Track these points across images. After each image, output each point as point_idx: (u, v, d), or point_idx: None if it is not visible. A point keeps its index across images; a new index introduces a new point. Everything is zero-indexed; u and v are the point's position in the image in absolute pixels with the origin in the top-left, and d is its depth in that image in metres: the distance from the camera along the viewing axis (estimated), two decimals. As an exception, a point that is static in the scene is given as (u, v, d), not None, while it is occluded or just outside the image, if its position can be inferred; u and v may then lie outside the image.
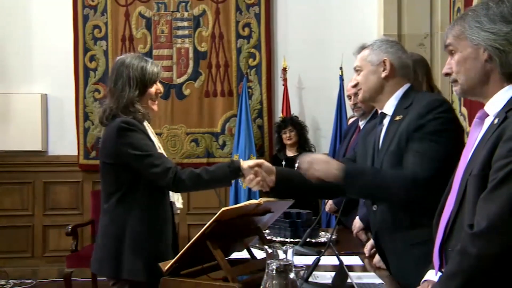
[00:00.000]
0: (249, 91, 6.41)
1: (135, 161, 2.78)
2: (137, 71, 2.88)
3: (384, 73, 2.52)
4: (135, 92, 2.87)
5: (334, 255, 2.42)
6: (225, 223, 2.23)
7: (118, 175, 2.85)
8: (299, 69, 6.40)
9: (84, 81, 6.48)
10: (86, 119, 6.49)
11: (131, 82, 2.86)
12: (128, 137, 2.79)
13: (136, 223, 2.81)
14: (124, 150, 2.78)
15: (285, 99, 6.31)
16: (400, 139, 2.37)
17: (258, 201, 2.42)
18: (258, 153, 6.35)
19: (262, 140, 6.51)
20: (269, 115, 6.51)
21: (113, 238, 2.83)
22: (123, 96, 2.86)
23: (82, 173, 6.51)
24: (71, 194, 6.53)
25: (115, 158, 2.83)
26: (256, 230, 2.58)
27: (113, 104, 2.88)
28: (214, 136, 6.51)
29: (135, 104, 2.87)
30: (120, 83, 2.87)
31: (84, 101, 6.47)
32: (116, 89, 2.88)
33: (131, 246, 2.79)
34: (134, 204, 2.83)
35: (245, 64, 6.48)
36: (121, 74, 2.88)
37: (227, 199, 6.27)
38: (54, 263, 6.39)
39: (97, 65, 6.47)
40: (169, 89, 6.45)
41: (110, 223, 2.87)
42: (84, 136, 6.48)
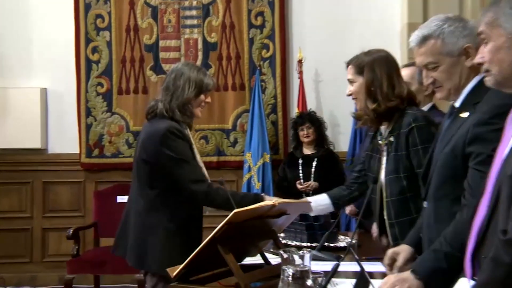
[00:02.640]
0: (262, 85, 6.40)
1: (172, 164, 3.14)
2: (197, 76, 3.33)
3: (470, 61, 2.31)
4: (192, 93, 3.30)
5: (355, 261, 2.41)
6: (237, 226, 2.23)
7: (153, 175, 3.20)
8: (316, 60, 6.38)
9: (86, 74, 6.49)
10: (88, 114, 6.50)
11: (191, 83, 3.30)
12: (172, 141, 3.16)
13: (168, 222, 3.19)
14: (164, 152, 3.14)
15: (301, 93, 6.30)
16: (457, 144, 2.24)
17: (272, 202, 2.41)
18: (272, 151, 6.35)
19: (276, 137, 6.50)
20: (284, 111, 6.50)
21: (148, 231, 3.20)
22: (181, 95, 3.28)
23: (84, 173, 6.53)
24: (72, 195, 6.55)
25: (153, 157, 3.18)
26: (271, 233, 2.58)
27: (171, 101, 3.28)
28: (225, 133, 6.51)
29: (189, 104, 3.30)
30: (180, 82, 3.30)
31: (86, 96, 6.49)
32: (174, 87, 3.30)
33: (159, 244, 3.17)
34: (166, 202, 3.19)
35: (258, 56, 6.47)
36: (181, 75, 3.32)
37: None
38: (54, 268, 6.41)
39: (99, 57, 6.49)
40: (176, 82, 6.46)
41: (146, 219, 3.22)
42: (86, 133, 6.50)
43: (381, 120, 3.00)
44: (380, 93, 2.92)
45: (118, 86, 6.49)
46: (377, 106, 2.92)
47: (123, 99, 6.50)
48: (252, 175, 6.17)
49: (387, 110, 2.92)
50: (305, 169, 5.66)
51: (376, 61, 2.97)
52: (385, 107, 2.91)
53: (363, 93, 2.97)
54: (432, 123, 2.87)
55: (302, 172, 5.66)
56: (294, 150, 5.91)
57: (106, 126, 6.50)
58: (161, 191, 3.19)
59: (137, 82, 6.49)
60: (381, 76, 2.94)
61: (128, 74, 6.48)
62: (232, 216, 2.18)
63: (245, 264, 2.53)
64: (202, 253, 2.22)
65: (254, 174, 6.15)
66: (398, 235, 2.85)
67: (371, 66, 2.96)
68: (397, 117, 2.93)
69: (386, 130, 3.00)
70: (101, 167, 6.50)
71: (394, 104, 2.91)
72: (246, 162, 6.21)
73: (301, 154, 5.80)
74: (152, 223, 3.20)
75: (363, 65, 2.98)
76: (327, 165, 5.66)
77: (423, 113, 2.95)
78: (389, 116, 2.95)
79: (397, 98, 2.91)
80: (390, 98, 2.91)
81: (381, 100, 2.92)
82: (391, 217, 2.92)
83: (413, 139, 2.83)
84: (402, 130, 2.86)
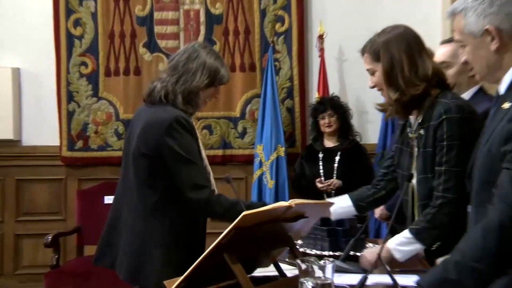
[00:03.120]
0: (276, 65, 6.41)
1: (174, 161, 3.16)
2: (212, 64, 3.35)
3: (494, 45, 2.33)
4: (204, 81, 3.32)
5: (386, 273, 2.42)
6: (247, 230, 2.24)
7: (153, 172, 3.21)
8: (340, 36, 6.39)
9: (68, 51, 6.53)
10: (70, 100, 6.54)
11: (205, 70, 3.32)
12: (178, 134, 3.17)
13: (167, 233, 3.21)
14: (168, 143, 3.15)
15: (321, 74, 6.30)
16: (493, 143, 2.25)
17: (288, 203, 2.43)
18: (288, 143, 6.36)
19: (292, 126, 6.52)
20: (302, 95, 6.51)
21: (144, 245, 3.22)
22: (191, 80, 3.30)
23: (66, 169, 6.57)
24: (51, 195, 6.59)
25: (154, 151, 3.18)
26: (286, 240, 2.59)
27: (176, 84, 3.30)
28: (232, 122, 6.54)
29: (196, 93, 3.32)
30: (193, 65, 3.32)
31: (68, 77, 6.52)
32: (184, 69, 3.31)
33: (159, 257, 3.19)
34: (169, 205, 3.22)
35: (271, 30, 6.48)
36: (196, 57, 3.33)
37: (249, 200, 6.27)
38: (29, 282, 6.45)
39: (83, 32, 6.52)
40: (174, 62, 6.47)
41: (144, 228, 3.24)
42: (68, 121, 6.54)
43: (408, 110, 3.00)
44: (402, 78, 2.90)
45: (106, 66, 6.52)
46: (400, 96, 2.91)
47: (112, 81, 6.53)
48: (264, 172, 6.19)
49: (413, 98, 2.91)
50: (327, 165, 5.67)
51: (391, 40, 2.95)
52: (410, 95, 2.90)
53: (383, 81, 2.97)
54: (470, 114, 2.85)
55: (323, 168, 5.67)
56: (314, 142, 5.92)
57: (92, 114, 6.53)
58: (163, 190, 3.20)
59: (127, 62, 6.51)
60: (400, 57, 2.91)
61: (117, 52, 6.52)
62: (241, 219, 2.19)
63: (256, 276, 2.55)
64: (206, 263, 2.23)
65: (266, 171, 6.17)
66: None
67: (386, 47, 2.94)
68: (427, 105, 2.92)
69: (415, 121, 2.99)
70: (85, 162, 6.54)
71: (421, 90, 2.89)
72: (257, 156, 6.24)
73: (321, 146, 5.80)
74: (152, 230, 3.21)
75: (379, 48, 2.97)
76: (352, 159, 5.67)
77: (459, 102, 2.90)
78: (417, 104, 2.95)
79: (423, 81, 2.89)
80: (414, 82, 2.89)
81: (403, 87, 2.90)
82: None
83: (441, 133, 2.83)
84: (432, 122, 2.86)
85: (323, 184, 5.53)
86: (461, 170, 2.67)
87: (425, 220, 2.88)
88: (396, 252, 2.89)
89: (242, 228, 2.21)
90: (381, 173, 3.38)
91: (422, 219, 2.91)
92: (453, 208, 2.79)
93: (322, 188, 5.52)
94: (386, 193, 3.37)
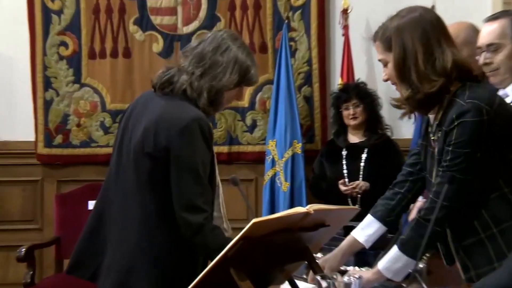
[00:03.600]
0: (291, 45, 6.43)
1: (178, 168, 3.10)
2: (244, 61, 3.33)
3: None
4: (234, 80, 3.29)
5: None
6: (257, 241, 2.26)
7: (155, 175, 3.17)
8: (368, 10, 6.39)
9: (44, 29, 6.55)
10: (47, 87, 6.57)
11: (235, 67, 3.29)
12: (196, 139, 3.11)
13: (166, 246, 3.18)
14: (178, 146, 3.10)
15: (345, 56, 6.32)
16: None
17: (306, 209, 2.44)
18: (305, 138, 6.38)
19: (311, 118, 6.54)
20: (322, 82, 6.53)
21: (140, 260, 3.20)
22: (221, 77, 3.27)
23: (42, 168, 6.61)
24: (25, 199, 6.63)
25: (162, 151, 3.13)
26: (303, 252, 2.61)
27: (201, 78, 3.25)
28: (239, 113, 6.56)
29: (224, 92, 3.29)
30: (223, 58, 3.29)
31: (44, 60, 6.55)
32: (213, 61, 3.28)
33: (153, 273, 3.17)
34: (168, 221, 3.17)
35: (286, 4, 6.49)
36: (226, 50, 3.30)
37: (260, 205, 6.32)
38: (0, 302, 6.49)
39: (62, 6, 6.54)
40: (171, 42, 6.52)
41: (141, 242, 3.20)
42: (45, 112, 6.56)
43: (426, 109, 2.99)
44: (415, 73, 2.85)
45: (90, 47, 6.55)
46: (413, 93, 2.87)
47: (97, 65, 6.57)
48: (277, 172, 6.21)
49: (428, 96, 2.86)
50: (351, 164, 5.70)
51: (405, 26, 2.90)
52: (424, 93, 2.85)
53: (395, 75, 2.94)
54: (495, 115, 2.79)
55: (347, 167, 5.69)
56: (336, 137, 5.93)
57: (73, 104, 6.56)
58: (166, 198, 3.15)
59: (115, 42, 6.54)
60: (414, 47, 2.87)
61: (103, 30, 6.54)
62: (251, 228, 2.21)
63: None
64: (209, 280, 2.25)
65: (280, 171, 6.19)
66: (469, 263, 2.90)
67: (398, 35, 2.90)
68: (445, 104, 2.89)
69: (434, 121, 2.99)
70: (66, 161, 6.59)
71: (437, 87, 2.84)
72: (269, 153, 6.27)
73: (345, 142, 5.81)
74: (149, 241, 3.18)
75: (390, 36, 2.93)
76: (381, 158, 5.68)
77: (478, 101, 2.81)
78: (434, 102, 2.92)
79: (441, 76, 2.84)
80: (430, 77, 2.84)
81: (417, 83, 2.85)
82: (454, 239, 2.95)
83: (449, 140, 2.81)
84: (444, 128, 2.84)
85: (347, 187, 5.54)
86: (465, 179, 2.75)
87: (410, 227, 2.91)
88: (387, 273, 2.92)
89: (251, 238, 2.23)
90: (405, 171, 3.36)
91: (408, 226, 2.95)
92: (441, 216, 2.76)
93: (345, 192, 5.54)
94: (413, 196, 3.35)
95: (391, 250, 2.92)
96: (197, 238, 3.08)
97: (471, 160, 2.74)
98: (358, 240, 3.19)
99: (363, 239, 3.19)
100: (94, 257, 3.31)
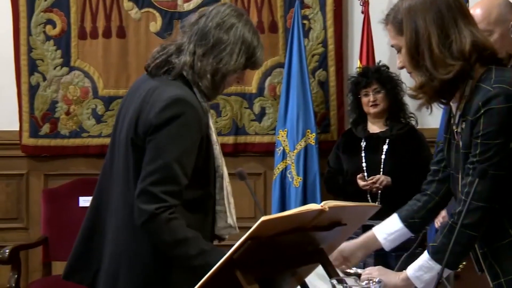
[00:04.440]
0: (304, 24, 6.43)
1: (149, 150, 3.07)
2: (251, 42, 3.28)
3: None
4: (241, 63, 3.25)
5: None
6: (266, 242, 2.27)
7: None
8: (390, -15, 6.40)
9: (28, 6, 6.55)
10: (33, 70, 6.58)
11: (242, 48, 3.25)
12: (172, 120, 3.05)
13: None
14: (153, 128, 3.07)
15: (365, 37, 6.32)
16: None
17: (321, 206, 2.45)
18: (320, 128, 6.39)
19: (326, 106, 6.55)
20: (339, 65, 6.54)
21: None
22: (227, 59, 3.22)
23: (28, 161, 6.64)
24: (8, 196, 6.65)
25: (143, 133, 3.11)
26: (318, 254, 2.61)
27: (203, 59, 3.21)
28: (246, 100, 6.57)
29: (228, 76, 3.25)
30: (228, 38, 3.23)
31: (29, 41, 6.57)
32: (217, 42, 3.22)
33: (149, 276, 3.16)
34: None
35: (298, -22, 6.50)
36: (230, 27, 3.25)
37: (269, 202, 6.34)
38: (-19, 309, 6.52)
39: (49, -20, 6.56)
40: (170, 20, 6.54)
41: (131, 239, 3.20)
42: (31, 99, 6.58)
43: (445, 98, 2.96)
44: (430, 58, 2.83)
45: (80, 26, 6.56)
46: (428, 80, 2.85)
47: (88, 46, 6.58)
48: (288, 165, 6.22)
49: (445, 83, 2.85)
50: (371, 156, 5.70)
51: (416, 7, 2.89)
52: (440, 80, 2.84)
53: (407, 62, 2.93)
54: None
55: (366, 160, 5.70)
56: (354, 126, 5.93)
57: (62, 89, 6.58)
58: None
59: (108, 20, 6.55)
60: (427, 29, 2.85)
61: (95, 7, 6.55)
62: (259, 227, 2.21)
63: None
64: (213, 284, 2.26)
65: (291, 164, 6.21)
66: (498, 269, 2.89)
67: (410, 17, 2.88)
68: (468, 91, 2.88)
69: (457, 110, 2.98)
70: (53, 152, 6.61)
71: (454, 72, 2.82)
72: (279, 144, 6.29)
73: (364, 132, 5.81)
74: (140, 242, 3.16)
75: (402, 19, 2.91)
76: (405, 149, 5.68)
77: (507, 85, 2.80)
78: (453, 90, 2.90)
79: (459, 59, 2.82)
80: (446, 62, 2.82)
81: (432, 70, 2.83)
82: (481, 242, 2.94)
83: (477, 130, 2.79)
84: (469, 118, 2.82)
85: (366, 182, 5.55)
86: (499, 174, 2.73)
87: (442, 234, 2.89)
88: (418, 283, 2.91)
89: (259, 238, 2.23)
90: (431, 171, 3.35)
91: (440, 233, 2.93)
92: (476, 218, 2.76)
93: (364, 187, 5.54)
94: (442, 199, 3.33)
95: (421, 257, 2.91)
96: (147, 227, 3.05)
97: (503, 151, 2.72)
98: (376, 237, 3.21)
99: (381, 237, 3.22)
100: (92, 260, 3.30)
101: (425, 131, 5.99)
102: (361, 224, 3.14)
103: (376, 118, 5.79)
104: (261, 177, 6.56)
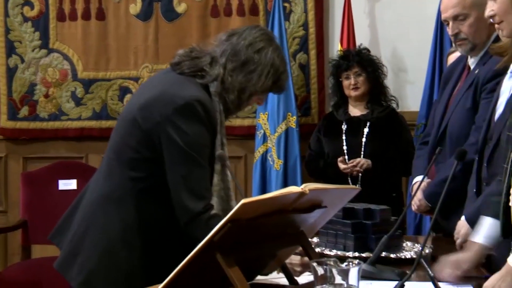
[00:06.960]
0: (285, 7, 6.43)
1: (172, 152, 3.07)
2: (279, 68, 3.32)
3: None
4: (268, 85, 3.30)
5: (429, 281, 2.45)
6: (247, 224, 2.28)
7: (139, 147, 3.14)
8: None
9: (6, -13, 6.55)
10: (10, 52, 6.58)
11: (271, 71, 3.29)
12: (190, 120, 3.09)
13: (136, 226, 3.13)
14: (170, 127, 3.06)
15: (346, 20, 6.31)
16: None
17: (301, 189, 2.46)
18: (301, 111, 6.40)
19: (307, 89, 6.55)
20: (319, 48, 6.54)
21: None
22: (256, 79, 3.26)
23: (6, 144, 6.64)
24: (-14, 179, 6.64)
25: (154, 126, 3.10)
26: (298, 237, 2.63)
27: (233, 75, 3.24)
28: (225, 83, 6.54)
29: (254, 95, 3.31)
30: (259, 60, 3.27)
31: (7, 22, 6.56)
32: (247, 60, 3.26)
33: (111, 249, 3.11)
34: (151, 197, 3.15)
35: (279, -41, 6.49)
36: (261, 49, 3.28)
37: (249, 185, 6.38)
38: (-41, 293, 6.51)
39: (27, -41, 6.54)
40: (150, 3, 6.51)
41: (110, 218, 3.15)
42: (9, 81, 6.58)
43: None
44: None
45: (58, 7, 6.54)
46: None
47: (67, 28, 6.56)
48: (269, 149, 6.23)
49: None
50: (352, 139, 5.70)
51: None
52: None
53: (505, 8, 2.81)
54: None
55: (347, 143, 5.70)
56: (335, 109, 5.94)
57: (40, 72, 6.57)
58: (147, 175, 3.15)
59: (87, 2, 6.52)
60: None
61: (74, -12, 6.53)
62: (239, 210, 2.21)
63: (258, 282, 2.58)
64: (193, 267, 2.26)
65: (272, 147, 6.22)
66: None
67: None
68: None
69: None
70: (32, 135, 6.60)
71: None
72: (260, 128, 6.30)
73: (345, 115, 5.82)
74: (116, 221, 3.12)
75: None
76: (385, 132, 5.68)
77: None
78: None
79: None
80: None
81: None
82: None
83: None
84: None
85: (347, 165, 5.56)
86: None
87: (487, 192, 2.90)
88: (491, 241, 2.84)
89: (240, 221, 2.24)
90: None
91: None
92: None
93: (345, 170, 5.55)
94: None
95: (480, 222, 2.85)
96: (190, 227, 3.04)
97: None
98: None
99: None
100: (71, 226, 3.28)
101: (405, 114, 5.99)
102: (341, 207, 3.14)
103: (357, 101, 5.79)
104: (241, 160, 6.56)
